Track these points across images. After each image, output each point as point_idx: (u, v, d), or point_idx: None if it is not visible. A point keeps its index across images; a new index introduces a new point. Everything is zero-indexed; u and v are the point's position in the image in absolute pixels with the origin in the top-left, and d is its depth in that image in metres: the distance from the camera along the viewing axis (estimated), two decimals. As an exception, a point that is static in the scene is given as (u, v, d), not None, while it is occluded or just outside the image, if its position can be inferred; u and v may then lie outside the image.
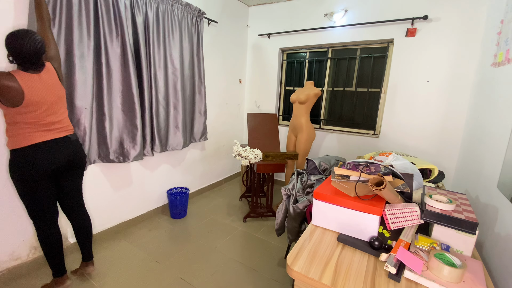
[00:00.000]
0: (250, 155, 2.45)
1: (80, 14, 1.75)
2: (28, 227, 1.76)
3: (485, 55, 2.03)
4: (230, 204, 3.09)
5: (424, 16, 2.44)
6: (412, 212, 1.00)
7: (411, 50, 2.60)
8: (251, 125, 2.87)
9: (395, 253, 0.85)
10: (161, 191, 2.75)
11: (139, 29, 2.15)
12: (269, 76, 3.68)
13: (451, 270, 0.76)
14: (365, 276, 0.83)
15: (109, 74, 1.99)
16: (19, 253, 1.74)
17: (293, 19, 3.32)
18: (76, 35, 1.74)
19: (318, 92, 2.76)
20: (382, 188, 0.95)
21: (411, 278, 0.80)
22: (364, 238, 1.00)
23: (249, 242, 2.32)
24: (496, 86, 1.66)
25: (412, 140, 2.70)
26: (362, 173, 1.10)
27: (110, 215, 2.27)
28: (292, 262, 0.88)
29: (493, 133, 1.56)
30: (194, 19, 2.68)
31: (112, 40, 1.97)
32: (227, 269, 1.95)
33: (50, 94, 1.38)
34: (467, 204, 1.03)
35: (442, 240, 0.94)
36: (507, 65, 1.50)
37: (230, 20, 3.35)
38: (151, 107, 2.35)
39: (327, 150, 3.31)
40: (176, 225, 2.54)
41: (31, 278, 1.73)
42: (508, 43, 1.50)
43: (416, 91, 2.62)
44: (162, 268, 1.91)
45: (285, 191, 1.77)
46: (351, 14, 2.90)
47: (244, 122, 3.96)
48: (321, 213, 1.10)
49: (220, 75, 3.35)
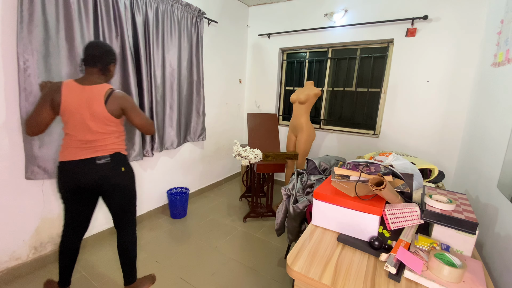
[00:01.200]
0: (250, 155, 2.45)
1: (80, 14, 1.75)
2: (29, 227, 1.76)
3: (485, 55, 2.03)
4: (230, 204, 3.09)
5: (424, 16, 2.44)
6: (412, 212, 1.00)
7: (411, 50, 2.60)
8: (251, 125, 2.87)
9: (395, 253, 0.85)
10: (161, 191, 2.75)
11: (139, 29, 2.15)
12: (269, 76, 3.68)
13: (451, 270, 0.76)
14: (365, 276, 0.83)
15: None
16: (20, 253, 1.74)
17: (293, 19, 3.32)
18: (78, 35, 1.74)
19: (318, 92, 2.76)
20: (382, 188, 0.95)
21: (411, 278, 0.80)
22: (364, 238, 1.00)
23: (249, 242, 2.32)
24: (496, 86, 1.66)
25: (412, 140, 2.70)
26: (362, 173, 1.10)
27: (109, 215, 2.26)
28: (292, 262, 0.88)
29: (493, 133, 1.56)
30: (194, 19, 2.68)
31: (112, 40, 1.97)
32: (227, 269, 1.95)
33: (84, 107, 1.33)
34: (467, 204, 1.02)
35: (442, 240, 0.94)
36: (507, 65, 1.50)
37: (230, 20, 3.35)
38: (151, 107, 2.35)
39: (327, 150, 3.31)
40: (176, 225, 2.54)
41: (31, 278, 1.73)
42: (508, 43, 1.50)
43: (416, 91, 2.62)
44: (162, 268, 1.91)
45: (285, 191, 1.77)
46: (351, 14, 2.90)
47: (244, 122, 3.96)
48: (321, 213, 1.10)
49: (220, 75, 3.35)
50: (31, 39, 1.55)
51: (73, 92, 1.33)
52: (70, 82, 1.35)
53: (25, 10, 1.51)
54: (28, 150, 1.65)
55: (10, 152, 1.62)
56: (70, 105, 1.32)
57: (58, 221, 1.90)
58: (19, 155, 1.65)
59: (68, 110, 1.33)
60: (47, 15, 1.60)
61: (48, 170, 1.73)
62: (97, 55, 1.36)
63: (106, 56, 1.39)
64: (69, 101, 1.32)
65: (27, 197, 1.72)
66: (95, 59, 1.36)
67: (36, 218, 1.79)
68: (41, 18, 1.58)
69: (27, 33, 1.53)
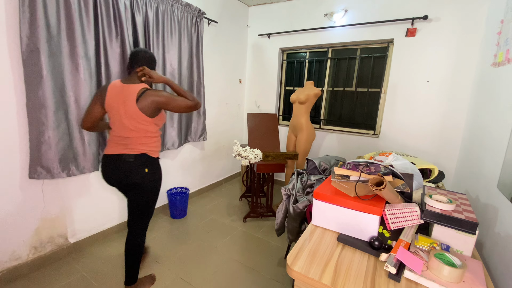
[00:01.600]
0: (250, 155, 2.45)
1: (80, 14, 1.76)
2: (28, 227, 1.76)
3: (485, 55, 2.03)
4: (230, 204, 3.09)
5: (424, 16, 2.44)
6: (412, 212, 1.00)
7: (411, 50, 2.60)
8: (251, 125, 2.87)
9: (395, 253, 0.85)
10: (161, 191, 2.74)
11: (139, 29, 2.15)
12: (269, 76, 3.68)
13: (451, 270, 0.76)
14: (365, 276, 0.83)
15: (108, 74, 1.99)
16: (19, 253, 1.73)
17: (293, 19, 3.32)
18: (78, 35, 1.75)
19: (318, 92, 2.76)
20: (382, 188, 0.95)
21: (411, 278, 0.80)
22: (364, 238, 1.00)
23: (249, 242, 2.32)
24: (496, 86, 1.66)
25: (412, 140, 2.70)
26: (362, 173, 1.10)
27: (110, 215, 2.27)
28: (292, 262, 0.88)
29: (493, 133, 1.56)
30: (194, 19, 2.68)
31: (112, 40, 1.97)
32: (227, 269, 1.95)
33: (121, 105, 1.44)
34: (467, 204, 1.02)
35: (442, 240, 0.94)
36: (507, 65, 1.50)
37: (230, 20, 3.35)
38: None
39: (327, 150, 3.31)
40: (176, 225, 2.54)
41: (31, 279, 1.73)
42: (508, 43, 1.50)
43: (416, 91, 2.62)
44: (162, 268, 1.91)
45: (285, 191, 1.77)
46: (351, 14, 2.90)
47: (244, 122, 3.96)
48: (321, 213, 1.10)
49: (220, 75, 3.34)
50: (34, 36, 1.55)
51: (115, 90, 1.47)
52: (116, 81, 1.51)
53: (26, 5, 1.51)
54: (34, 150, 1.65)
55: (12, 151, 1.62)
56: (111, 102, 1.46)
57: (58, 221, 1.91)
58: (21, 154, 1.66)
59: (109, 106, 1.47)
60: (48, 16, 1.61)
61: (51, 170, 1.72)
62: (139, 60, 1.50)
63: (145, 62, 1.52)
64: (111, 98, 1.46)
65: (27, 197, 1.72)
66: (137, 63, 1.50)
67: (36, 218, 1.79)
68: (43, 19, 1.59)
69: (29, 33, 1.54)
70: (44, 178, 1.72)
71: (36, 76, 1.60)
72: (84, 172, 1.89)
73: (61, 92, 1.73)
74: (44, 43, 1.60)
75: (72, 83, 1.77)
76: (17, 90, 1.60)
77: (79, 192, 2.01)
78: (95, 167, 1.95)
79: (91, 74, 1.86)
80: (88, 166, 1.91)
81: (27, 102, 1.60)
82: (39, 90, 1.61)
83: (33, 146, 1.65)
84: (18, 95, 1.60)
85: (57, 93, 1.71)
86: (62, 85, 1.73)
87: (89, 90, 1.85)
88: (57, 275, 1.78)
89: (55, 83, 1.69)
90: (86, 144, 1.88)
